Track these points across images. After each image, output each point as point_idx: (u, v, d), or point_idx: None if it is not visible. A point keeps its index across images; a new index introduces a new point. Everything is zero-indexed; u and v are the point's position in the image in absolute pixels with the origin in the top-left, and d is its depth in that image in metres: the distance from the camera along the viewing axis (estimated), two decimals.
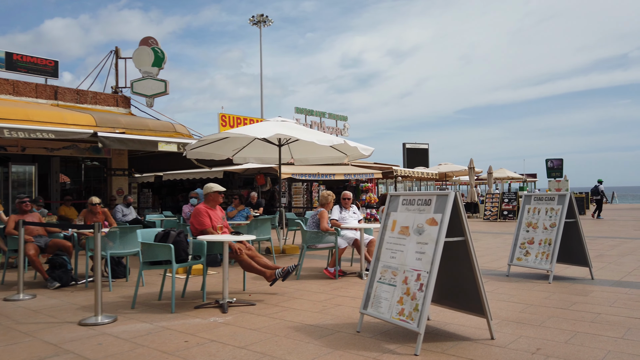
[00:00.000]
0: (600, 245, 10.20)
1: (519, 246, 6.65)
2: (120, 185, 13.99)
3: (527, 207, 6.74)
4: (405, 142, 34.26)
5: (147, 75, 13.95)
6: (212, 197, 5.65)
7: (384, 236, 4.12)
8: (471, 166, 22.17)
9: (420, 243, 3.73)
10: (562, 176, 34.38)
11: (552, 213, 6.33)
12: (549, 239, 6.26)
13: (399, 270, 3.84)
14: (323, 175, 18.12)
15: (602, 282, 6.12)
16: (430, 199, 3.81)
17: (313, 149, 10.51)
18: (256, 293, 5.74)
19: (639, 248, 9.54)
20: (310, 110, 25.75)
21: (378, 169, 21.48)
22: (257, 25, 37.80)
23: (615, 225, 15.89)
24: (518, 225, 6.77)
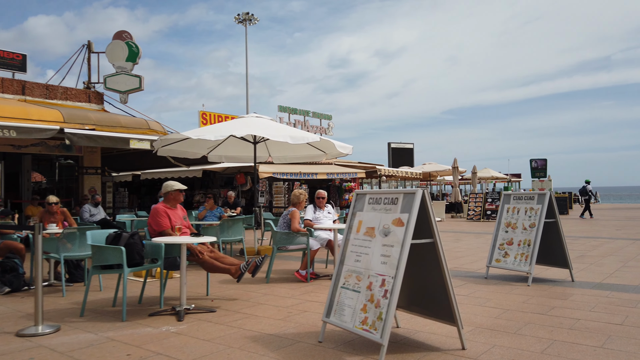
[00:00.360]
0: (582, 245, 10.04)
1: (497, 247, 6.40)
2: (92, 185, 13.48)
3: (507, 207, 6.50)
4: (391, 142, 34.09)
5: (121, 70, 13.47)
6: (173, 196, 5.28)
7: (349, 238, 3.81)
8: (455, 166, 22.04)
9: (386, 245, 3.43)
10: (546, 176, 34.55)
11: (532, 213, 6.09)
12: (528, 240, 6.01)
13: (364, 275, 3.53)
14: (305, 175, 17.79)
15: (583, 284, 5.90)
16: (397, 197, 3.51)
17: (291, 147, 10.17)
18: (220, 298, 5.38)
19: (620, 248, 9.39)
20: (294, 109, 25.41)
21: (362, 168, 21.22)
22: (243, 24, 37.35)
23: (598, 225, 15.85)
24: (497, 225, 6.52)
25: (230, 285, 6.04)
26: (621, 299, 5.06)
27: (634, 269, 6.95)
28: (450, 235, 12.87)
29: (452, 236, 12.72)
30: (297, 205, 6.68)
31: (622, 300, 4.97)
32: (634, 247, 9.50)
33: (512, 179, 42.12)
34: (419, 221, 3.43)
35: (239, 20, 37.32)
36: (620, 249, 9.27)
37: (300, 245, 6.37)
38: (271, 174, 16.40)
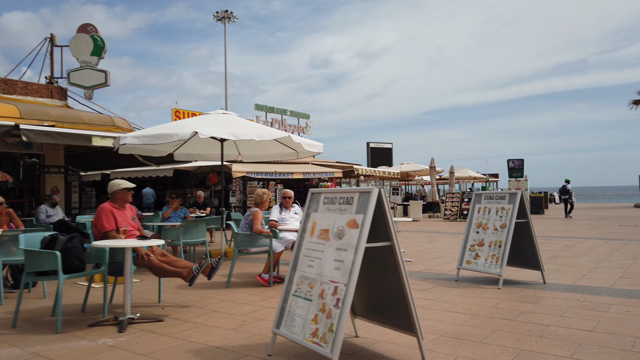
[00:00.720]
0: (556, 245, 9.95)
1: (468, 248, 6.18)
2: (55, 184, 12.87)
3: (478, 207, 6.28)
4: (369, 142, 33.96)
5: (86, 65, 12.89)
6: (120, 196, 4.90)
7: (303, 241, 3.49)
8: (432, 165, 21.97)
9: (340, 249, 3.13)
10: (522, 176, 34.93)
11: (503, 213, 5.88)
12: (499, 241, 5.80)
13: (316, 281, 3.22)
14: (281, 174, 17.43)
15: (554, 286, 5.71)
16: (352, 197, 3.21)
17: (261, 145, 9.81)
18: (172, 305, 5.01)
19: (593, 248, 9.32)
20: (271, 108, 25.02)
21: (339, 168, 20.97)
22: (222, 22, 36.83)
23: (572, 224, 15.91)
24: (468, 226, 6.30)
25: (187, 290, 5.67)
26: (593, 302, 4.87)
27: (606, 270, 6.82)
28: (425, 236, 12.69)
29: (427, 236, 12.54)
30: (260, 205, 6.34)
31: (593, 304, 4.78)
32: (607, 247, 9.44)
33: (490, 178, 42.52)
34: (376, 223, 3.14)
35: (217, 18, 36.74)
36: (593, 249, 9.20)
37: (262, 248, 6.03)
38: (245, 174, 16.00)
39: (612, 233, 12.58)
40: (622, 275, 6.32)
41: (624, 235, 12.04)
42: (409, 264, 7.60)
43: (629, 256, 8.16)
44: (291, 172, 17.93)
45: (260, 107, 24.36)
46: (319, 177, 19.82)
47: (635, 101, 32.02)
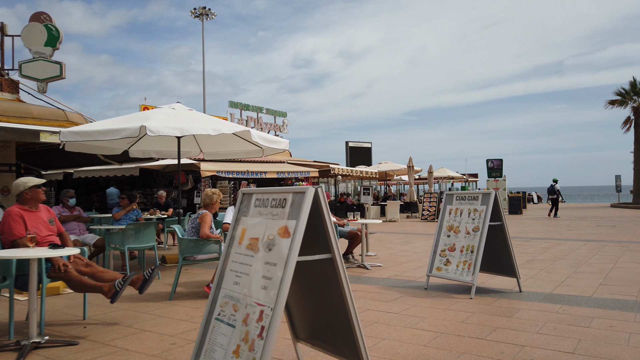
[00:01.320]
0: (533, 247, 9.54)
1: (439, 254, 5.65)
2: (5, 184, 11.96)
3: (449, 208, 5.76)
4: (348, 141, 33.47)
5: (39, 56, 12.01)
6: (30, 195, 4.22)
7: (230, 251, 2.88)
8: (410, 165, 21.56)
9: (269, 264, 2.53)
10: (501, 176, 34.95)
11: (476, 215, 5.37)
12: (471, 246, 5.28)
13: (242, 303, 2.61)
14: (253, 174, 16.76)
15: (531, 295, 5.22)
16: (285, 198, 2.61)
17: (224, 142, 9.17)
18: (98, 323, 4.34)
19: (571, 251, 8.93)
20: (247, 105, 24.31)
21: (315, 167, 20.40)
22: (200, 18, 36.05)
23: (550, 225, 15.65)
24: (438, 228, 5.77)
25: (122, 303, 5.00)
26: (573, 315, 4.38)
27: (585, 275, 6.38)
28: (400, 237, 12.19)
29: (402, 238, 12.04)
30: (209, 207, 5.70)
31: (573, 317, 4.28)
32: (585, 250, 9.07)
33: (469, 178, 42.51)
34: (314, 231, 2.56)
35: (195, 15, 35.87)
36: (572, 252, 8.81)
37: (210, 255, 5.40)
38: (215, 173, 15.29)
39: (590, 234, 12.29)
40: (602, 282, 5.88)
41: (602, 236, 11.75)
42: (378, 270, 7.06)
43: (608, 259, 7.77)
44: (264, 171, 17.28)
45: (234, 104, 23.63)
46: (294, 177, 19.22)
47: (611, 101, 32.27)
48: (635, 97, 31.66)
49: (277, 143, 8.05)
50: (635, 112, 31.40)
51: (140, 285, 4.17)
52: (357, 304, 4.90)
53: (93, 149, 8.72)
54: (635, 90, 31.62)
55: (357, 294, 5.37)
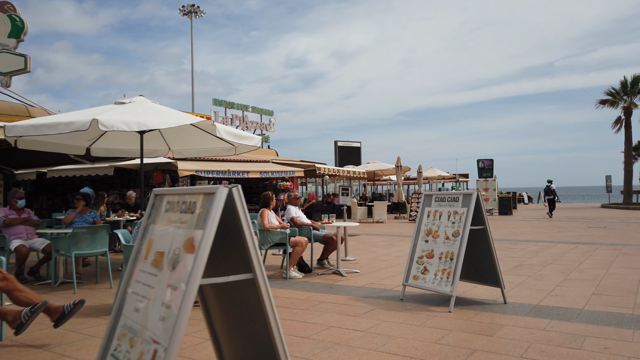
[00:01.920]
0: (521, 251, 9.03)
1: (416, 260, 5.10)
2: None
3: (427, 210, 5.21)
4: (337, 140, 32.91)
5: (2, 48, 11.33)
6: None
7: (134, 269, 2.30)
8: (398, 164, 21.04)
9: (171, 286, 1.95)
10: (492, 176, 34.61)
11: (456, 218, 4.82)
12: (450, 252, 4.73)
13: (139, 336, 2.03)
14: (235, 173, 16.12)
15: (517, 308, 4.68)
16: (195, 201, 2.04)
17: (193, 139, 8.56)
18: (18, 345, 3.73)
19: (561, 254, 8.43)
20: (231, 103, 23.67)
21: (300, 166, 19.80)
22: (188, 16, 35.49)
23: (540, 226, 15.20)
24: (416, 232, 5.22)
25: None
26: (563, 333, 3.84)
27: (576, 283, 5.87)
28: (385, 240, 11.65)
29: (386, 240, 11.50)
30: None
31: (563, 336, 3.75)
32: (576, 253, 8.58)
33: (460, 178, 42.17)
34: (229, 243, 1.99)
35: (184, 13, 35.28)
36: (562, 255, 8.31)
37: None
38: (194, 172, 14.63)
39: (581, 236, 11.83)
40: (595, 291, 5.37)
41: (593, 238, 11.29)
42: (354, 277, 6.50)
43: (600, 264, 7.27)
44: (247, 170, 16.65)
45: (218, 102, 22.98)
46: (280, 177, 18.60)
47: (602, 101, 32.05)
48: (626, 97, 31.46)
49: (247, 139, 7.46)
50: (626, 111, 31.20)
51: (57, 318, 3.60)
52: (321, 319, 4.34)
53: (50, 146, 8.07)
54: (625, 90, 31.41)
55: (324, 307, 4.81)
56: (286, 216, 7.28)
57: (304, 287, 5.87)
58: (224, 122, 23.07)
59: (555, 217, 19.37)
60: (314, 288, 5.78)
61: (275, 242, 6.47)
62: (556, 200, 20.62)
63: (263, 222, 6.47)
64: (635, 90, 31.15)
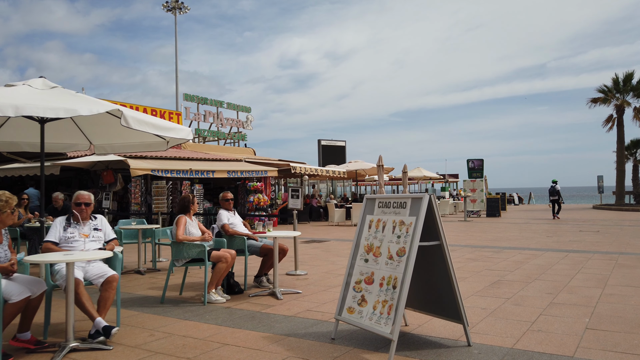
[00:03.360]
0: (503, 262, 7.81)
1: (353, 287, 3.83)
2: None
3: (369, 220, 3.94)
4: (321, 139, 31.62)
5: None
6: None
7: None
8: (380, 164, 19.80)
9: None
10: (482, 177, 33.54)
11: (402, 230, 3.55)
12: (393, 278, 3.46)
13: None
14: (199, 173, 14.79)
15: (484, 355, 3.43)
16: None
17: (117, 131, 7.22)
18: None
19: (549, 266, 7.21)
20: (204, 99, 22.30)
21: (274, 165, 18.51)
22: (172, 12, 34.26)
23: (528, 230, 14.02)
24: (354, 248, 3.96)
25: None
26: None
27: (565, 309, 4.64)
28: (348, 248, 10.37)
29: None
30: None
31: None
32: (566, 264, 7.37)
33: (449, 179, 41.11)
34: None
35: (167, 9, 34.02)
36: (550, 268, 7.09)
37: None
38: (149, 172, 13.28)
39: (571, 242, 10.65)
40: (589, 324, 4.13)
41: (585, 245, 10.11)
42: (291, 301, 5.22)
43: (595, 280, 6.06)
44: (212, 170, 15.32)
45: (190, 97, 21.60)
46: (251, 177, 17.26)
47: (594, 99, 31.06)
48: (618, 94, 30.50)
49: (173, 131, 6.14)
50: (618, 109, 30.23)
51: None
52: None
53: None
54: (618, 87, 30.45)
55: (221, 354, 3.52)
56: (217, 223, 6.00)
57: (219, 317, 4.58)
58: (196, 119, 21.72)
59: (545, 220, 18.24)
60: (230, 319, 4.49)
61: (193, 258, 5.18)
62: (560, 201, 19.72)
63: (177, 231, 5.17)
64: (627, 88, 30.20)
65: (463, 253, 9.08)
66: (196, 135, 21.89)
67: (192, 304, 5.07)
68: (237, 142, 24.14)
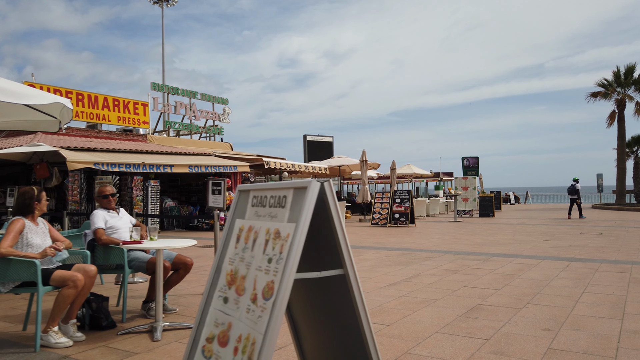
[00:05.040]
0: (489, 275, 6.20)
1: (201, 346, 2.19)
2: None
3: (239, 226, 2.30)
4: (307, 134, 29.95)
5: None
6: None
7: None
8: (363, 159, 18.19)
9: None
10: (477, 175, 31.98)
11: (276, 248, 1.91)
12: (251, 340, 1.82)
13: None
14: (154, 167, 13.13)
15: None
16: None
17: None
18: None
19: (545, 282, 5.61)
20: (175, 88, 20.59)
21: (245, 160, 16.85)
22: (159, 5, 32.80)
23: (523, 232, 12.42)
24: (212, 276, 2.31)
25: None
26: None
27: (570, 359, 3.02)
28: None
29: None
30: None
31: None
32: (568, 279, 5.76)
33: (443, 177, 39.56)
34: None
35: (154, 1, 32.59)
36: (547, 285, 5.49)
37: None
38: (91, 165, 11.60)
39: (572, 247, 9.06)
40: None
41: (588, 251, 8.51)
42: (171, 343, 3.58)
43: (608, 307, 4.45)
44: (170, 164, 13.66)
45: (158, 86, 19.88)
46: (221, 172, 15.60)
47: (594, 93, 29.50)
48: (619, 88, 28.95)
49: (30, 98, 4.46)
50: (619, 104, 28.67)
51: None
52: None
53: None
54: (619, 81, 28.89)
55: None
56: (91, 227, 4.36)
57: None
58: (166, 110, 20.02)
59: (541, 219, 16.67)
60: None
61: (25, 281, 3.53)
62: (578, 201, 18.24)
63: (2, 241, 3.53)
64: (629, 82, 28.64)
65: (442, 262, 7.47)
66: (165, 129, 20.23)
67: (20, 348, 3.43)
68: (212, 137, 22.47)
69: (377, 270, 6.76)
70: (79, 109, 16.65)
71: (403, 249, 9.17)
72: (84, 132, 16.93)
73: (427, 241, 10.61)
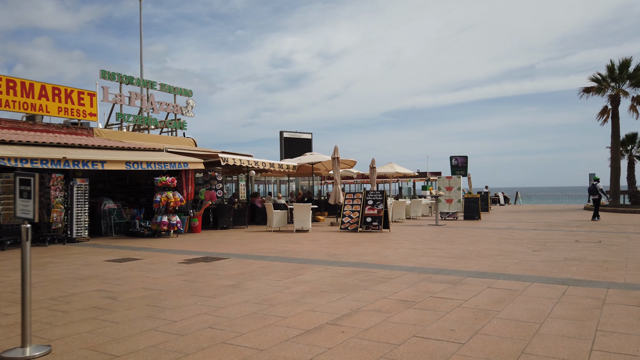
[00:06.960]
0: (456, 309, 4.33)
1: None
2: None
3: None
4: (283, 130, 28.02)
5: None
6: None
7: None
8: (335, 156, 16.34)
9: None
10: (466, 174, 30.28)
11: None
12: None
13: None
14: (79, 163, 11.11)
15: None
16: None
17: None
18: None
19: (535, 323, 3.76)
20: (129, 77, 18.56)
21: (198, 156, 14.89)
22: None
23: (509, 239, 10.60)
24: None
25: None
26: None
27: None
28: (288, 267, 6.78)
29: (247, 274, 6.64)
30: None
31: None
32: (565, 320, 3.91)
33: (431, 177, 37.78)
34: None
35: None
36: (535, 333, 3.64)
37: None
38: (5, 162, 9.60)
39: (567, 261, 7.26)
40: None
41: (589, 267, 6.71)
42: None
43: None
44: (102, 160, 11.66)
45: (109, 75, 17.79)
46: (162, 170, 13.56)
47: (586, 89, 27.88)
48: (613, 83, 27.36)
49: None
50: (613, 100, 27.06)
51: None
52: None
53: None
54: (613, 75, 27.29)
55: None
56: None
57: None
58: (118, 101, 17.96)
59: (531, 222, 14.92)
60: None
61: None
62: (602, 201, 16.66)
63: None
64: (623, 76, 27.04)
65: (399, 286, 5.63)
66: (117, 122, 18.20)
67: None
68: (174, 131, 20.47)
69: (304, 303, 4.89)
70: (9, 98, 14.61)
71: (359, 265, 7.32)
72: (15, 124, 14.88)
73: (394, 252, 8.76)
